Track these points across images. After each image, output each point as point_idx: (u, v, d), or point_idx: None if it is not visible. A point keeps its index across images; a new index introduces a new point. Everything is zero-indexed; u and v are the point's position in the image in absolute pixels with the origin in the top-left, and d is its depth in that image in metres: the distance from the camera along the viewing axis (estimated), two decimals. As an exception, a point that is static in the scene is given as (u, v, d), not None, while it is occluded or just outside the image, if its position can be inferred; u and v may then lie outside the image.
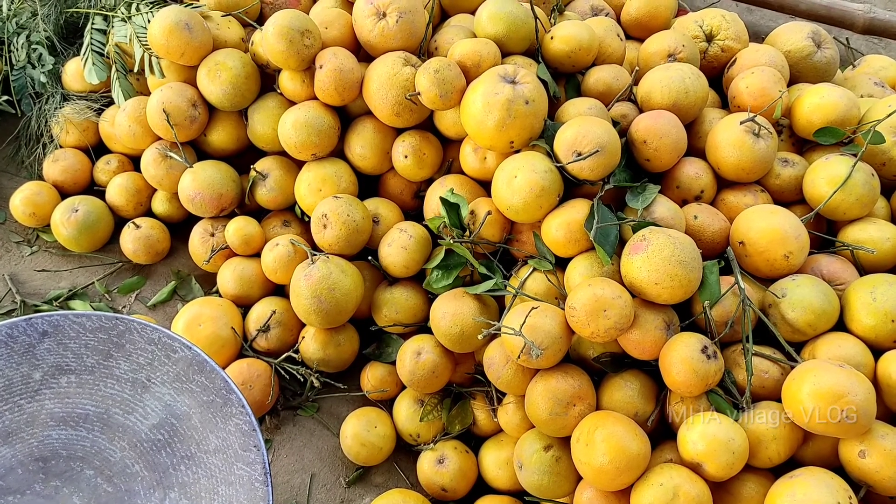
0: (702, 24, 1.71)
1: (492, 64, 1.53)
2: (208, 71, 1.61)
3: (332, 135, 1.60)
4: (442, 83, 1.46)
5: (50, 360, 1.18)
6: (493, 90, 1.41)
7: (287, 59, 1.54)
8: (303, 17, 1.54)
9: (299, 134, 1.56)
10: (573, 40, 1.57)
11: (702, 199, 1.50)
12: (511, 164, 1.42)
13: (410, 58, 1.57)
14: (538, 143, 1.46)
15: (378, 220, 1.60)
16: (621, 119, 1.55)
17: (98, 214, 1.70)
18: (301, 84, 1.60)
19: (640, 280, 1.27)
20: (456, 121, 1.57)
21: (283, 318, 1.56)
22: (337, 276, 1.46)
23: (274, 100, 1.67)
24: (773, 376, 1.27)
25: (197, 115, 1.64)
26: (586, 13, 1.88)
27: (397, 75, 1.52)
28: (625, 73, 1.61)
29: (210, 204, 1.63)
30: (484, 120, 1.41)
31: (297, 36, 1.52)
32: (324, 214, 1.51)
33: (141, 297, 1.69)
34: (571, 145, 1.38)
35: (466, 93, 1.47)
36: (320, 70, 1.55)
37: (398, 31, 1.56)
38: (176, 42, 1.58)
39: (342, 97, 1.57)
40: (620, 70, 1.60)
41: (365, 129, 1.62)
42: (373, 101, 1.56)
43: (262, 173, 1.66)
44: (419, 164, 1.60)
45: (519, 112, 1.40)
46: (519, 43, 1.59)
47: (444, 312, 1.42)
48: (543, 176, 1.38)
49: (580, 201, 1.41)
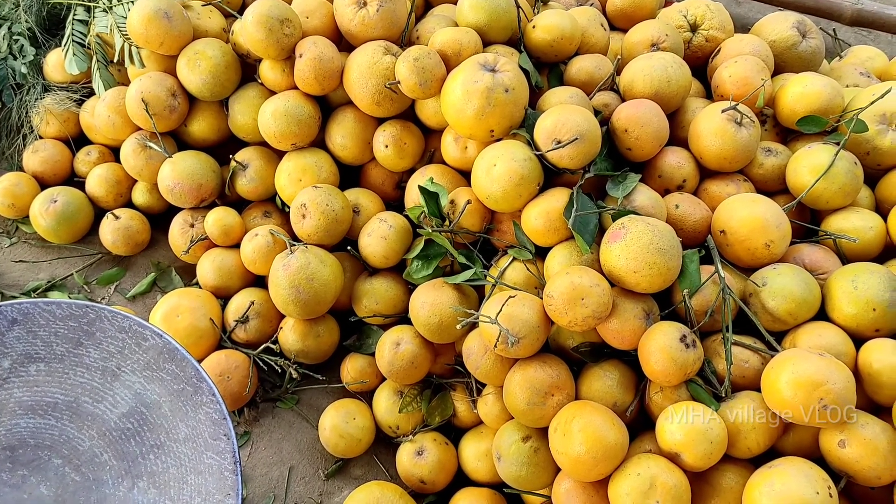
0: (686, 14, 1.70)
1: (472, 53, 1.51)
2: (188, 60, 1.60)
3: (312, 124, 1.58)
4: (422, 71, 1.44)
5: (19, 348, 1.16)
6: (473, 78, 1.39)
7: (267, 49, 1.53)
8: (283, 6, 1.53)
9: (279, 123, 1.55)
10: (555, 29, 1.56)
11: (684, 188, 1.48)
12: (490, 153, 1.40)
13: (391, 47, 1.55)
14: (518, 132, 1.44)
15: (358, 211, 1.58)
16: (603, 108, 1.53)
17: (77, 205, 1.69)
18: (281, 73, 1.59)
19: (619, 268, 1.25)
20: (437, 110, 1.56)
21: (262, 308, 1.54)
22: (316, 266, 1.44)
23: (254, 90, 1.65)
24: (753, 366, 1.26)
25: (177, 104, 1.62)
26: (571, 4, 1.87)
27: (377, 64, 1.51)
28: (607, 62, 1.59)
29: (189, 194, 1.61)
30: (463, 108, 1.40)
31: (276, 25, 1.51)
32: (303, 204, 1.50)
33: (120, 288, 1.67)
34: (551, 133, 1.36)
35: (446, 81, 1.46)
36: (300, 59, 1.54)
37: (379, 20, 1.54)
38: (155, 31, 1.57)
39: (322, 86, 1.55)
40: (603, 59, 1.59)
41: (345, 119, 1.61)
42: (353, 91, 1.55)
43: (243, 164, 1.64)
44: (400, 154, 1.58)
45: (498, 100, 1.39)
46: (501, 32, 1.58)
47: (423, 302, 1.40)
48: (523, 164, 1.36)
49: (560, 190, 1.39)
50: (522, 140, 1.45)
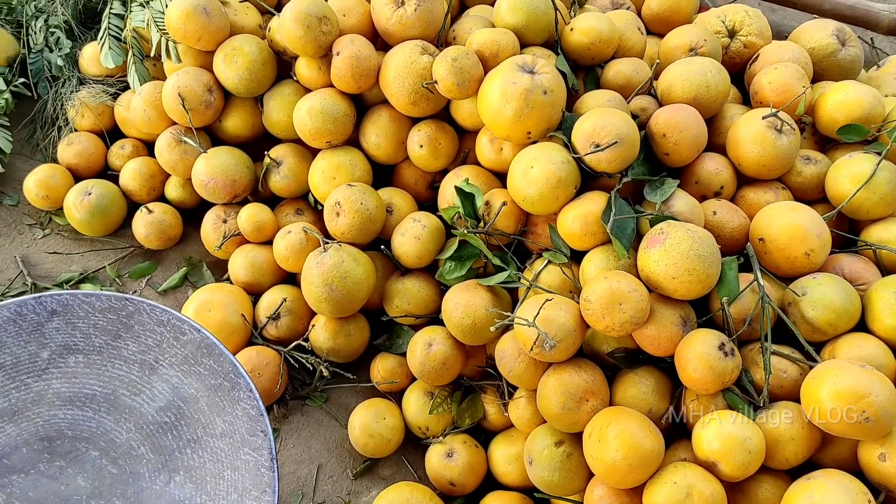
0: (724, 20, 1.69)
1: (510, 54, 1.51)
2: (225, 56, 1.60)
3: (347, 122, 1.58)
4: (459, 72, 1.44)
5: (58, 339, 1.17)
6: (511, 79, 1.39)
7: (304, 46, 1.53)
8: (321, 4, 1.53)
9: (314, 121, 1.55)
10: (593, 32, 1.55)
11: (721, 195, 1.47)
12: (527, 155, 1.40)
13: (428, 46, 1.55)
14: (556, 135, 1.44)
15: (392, 210, 1.58)
16: (640, 112, 1.53)
17: (111, 198, 1.69)
18: (317, 71, 1.59)
19: (657, 274, 1.24)
20: (473, 111, 1.55)
21: (294, 306, 1.54)
22: (349, 264, 1.44)
23: (290, 87, 1.65)
24: (791, 376, 1.25)
25: (212, 100, 1.62)
26: (607, 7, 1.86)
27: (414, 63, 1.51)
28: (645, 66, 1.58)
29: (223, 190, 1.61)
30: (501, 110, 1.39)
31: (314, 22, 1.51)
32: (337, 202, 1.50)
33: (152, 282, 1.68)
34: (589, 136, 1.36)
35: (484, 82, 1.45)
36: (337, 57, 1.53)
37: (416, 20, 1.54)
38: (193, 26, 1.57)
39: (358, 85, 1.55)
40: (640, 63, 1.58)
41: (380, 118, 1.61)
42: (389, 90, 1.54)
43: (276, 160, 1.64)
44: (434, 154, 1.58)
45: (537, 102, 1.38)
46: (538, 34, 1.57)
47: (456, 303, 1.40)
48: (560, 167, 1.36)
49: (597, 194, 1.38)
50: (559, 142, 1.44)
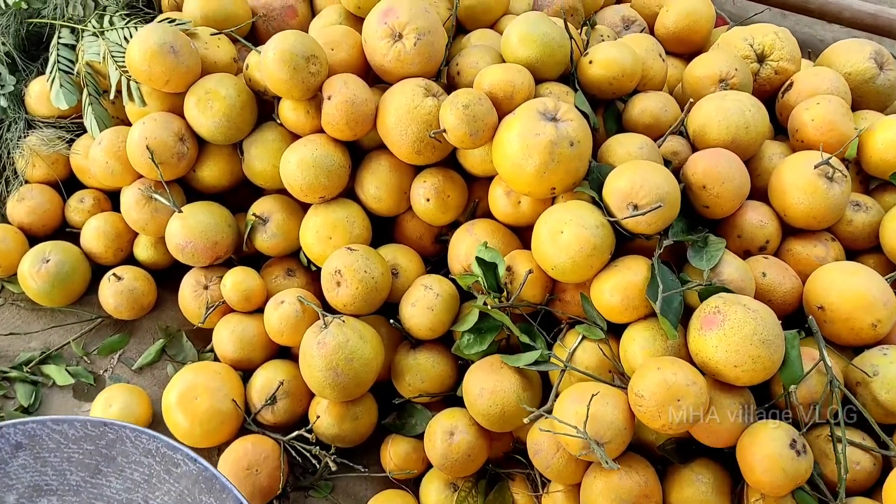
0: (752, 43, 1.53)
1: (526, 95, 1.33)
2: (198, 100, 1.40)
3: (342, 175, 1.39)
4: (472, 120, 1.26)
5: (26, 478, 0.98)
6: (533, 130, 1.22)
7: (290, 90, 1.33)
8: (308, 41, 1.33)
9: (306, 175, 1.36)
10: (615, 65, 1.38)
11: (766, 249, 1.33)
12: (555, 217, 1.24)
13: (431, 86, 1.37)
14: (583, 190, 1.27)
15: (397, 273, 1.40)
16: (672, 157, 1.37)
17: (72, 264, 1.48)
18: (305, 115, 1.40)
19: (716, 361, 1.10)
20: (484, 158, 1.38)
21: (292, 386, 1.37)
22: (355, 343, 1.27)
23: (273, 132, 1.46)
24: (865, 468, 1.12)
25: (185, 150, 1.42)
26: (617, 25, 1.69)
27: (418, 108, 1.33)
28: (673, 102, 1.42)
29: (203, 254, 1.42)
30: (522, 164, 1.22)
31: (301, 63, 1.31)
32: (337, 271, 1.32)
33: (125, 357, 1.48)
34: (626, 196, 1.20)
35: (500, 130, 1.28)
36: (329, 101, 1.34)
37: (417, 55, 1.36)
38: (160, 68, 1.36)
39: (354, 132, 1.36)
40: (668, 99, 1.42)
41: (380, 168, 1.42)
42: (390, 137, 1.36)
43: (262, 217, 1.45)
44: (442, 208, 1.40)
45: (563, 156, 1.21)
46: (554, 68, 1.40)
47: (481, 389, 1.24)
48: (594, 232, 1.20)
49: (636, 260, 1.23)
50: (586, 197, 1.28)
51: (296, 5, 1.61)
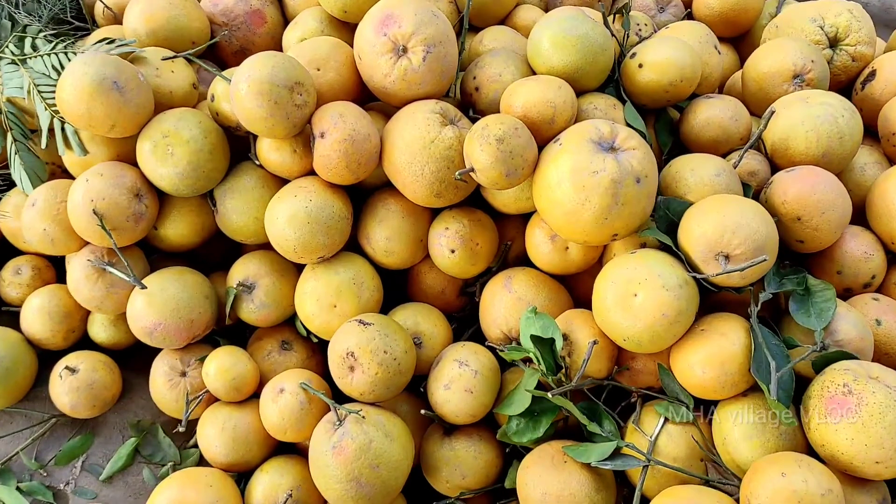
0: (822, 24, 1.27)
1: (570, 117, 1.07)
2: (154, 147, 1.10)
3: (344, 228, 1.12)
4: (509, 158, 0.99)
5: None
6: (589, 166, 0.95)
7: (272, 128, 1.05)
8: (290, 65, 1.05)
9: (300, 234, 1.08)
10: (671, 68, 1.12)
11: (871, 285, 1.09)
12: (623, 275, 0.98)
13: (447, 109, 1.09)
14: (652, 234, 1.02)
15: (420, 342, 1.14)
16: (749, 179, 1.12)
17: (14, 357, 1.19)
18: (292, 155, 1.12)
19: (851, 456, 0.87)
20: (518, 195, 1.12)
21: (302, 494, 1.10)
22: (380, 444, 1.01)
23: (252, 176, 1.17)
24: None
25: (143, 209, 1.13)
26: (650, 8, 1.42)
27: (435, 143, 1.05)
28: (744, 109, 1.16)
29: (177, 336, 1.14)
30: (577, 211, 0.97)
31: (283, 94, 1.03)
32: (349, 353, 1.05)
33: (89, 464, 1.21)
34: (714, 245, 0.95)
35: (543, 166, 1.02)
36: (322, 141, 1.06)
37: (427, 73, 1.08)
38: (102, 110, 1.07)
39: (356, 175, 1.09)
40: (738, 106, 1.16)
41: (389, 214, 1.15)
42: (401, 178, 1.09)
43: (246, 284, 1.17)
44: (471, 260, 1.14)
45: (629, 196, 0.96)
46: (596, 77, 1.14)
47: (543, 494, 0.99)
48: (678, 294, 0.94)
49: (728, 322, 0.98)
50: (654, 242, 1.03)
51: (263, 9, 1.31)
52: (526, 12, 1.33)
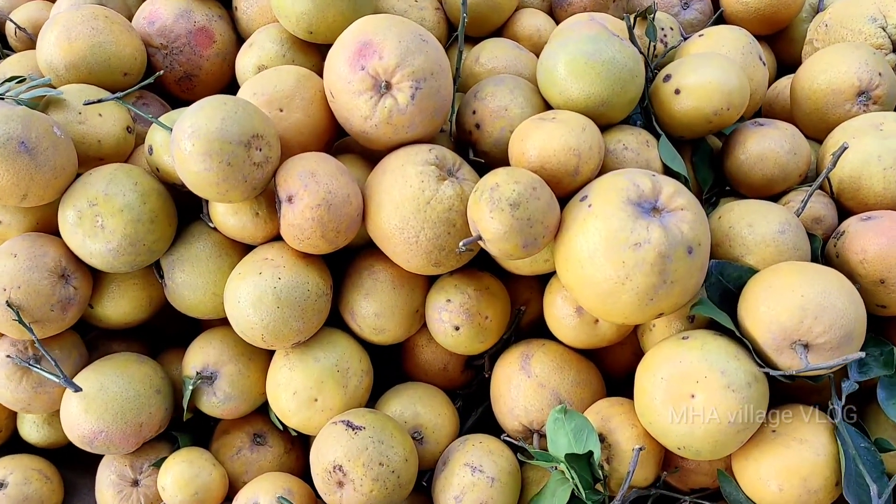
0: (884, 24, 1.06)
1: (596, 165, 0.86)
2: (80, 218, 0.88)
3: (322, 307, 0.91)
4: (527, 227, 0.79)
5: None
6: (630, 237, 0.76)
7: (227, 193, 0.84)
8: (244, 115, 0.82)
9: (269, 319, 0.87)
10: (716, 94, 0.92)
11: (962, 354, 0.90)
12: (675, 369, 0.79)
13: (445, 157, 0.88)
14: (706, 312, 0.82)
15: (422, 437, 0.94)
16: (814, 226, 0.92)
17: (-74, 472, 0.98)
18: (254, 219, 0.90)
19: None
20: (534, 258, 0.91)
21: None
22: (382, 580, 0.82)
23: (206, 241, 0.96)
24: None
25: (71, 293, 0.92)
26: (672, 5, 1.20)
27: (432, 203, 0.84)
28: (802, 140, 0.96)
29: (123, 443, 0.94)
30: (615, 291, 0.77)
31: (239, 153, 0.81)
32: (337, 467, 0.85)
33: None
34: (789, 332, 0.76)
35: (567, 232, 0.81)
36: (290, 206, 0.85)
37: (417, 114, 0.87)
38: (9, 178, 0.84)
39: (334, 244, 0.88)
40: (796, 136, 0.96)
41: (377, 286, 0.94)
42: (390, 245, 0.88)
43: (206, 374, 0.96)
44: (479, 336, 0.94)
45: (680, 272, 0.76)
46: (623, 108, 0.93)
47: None
48: (746, 395, 0.76)
49: (807, 423, 0.79)
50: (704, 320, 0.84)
51: (209, 26, 1.08)
52: (528, 18, 1.10)
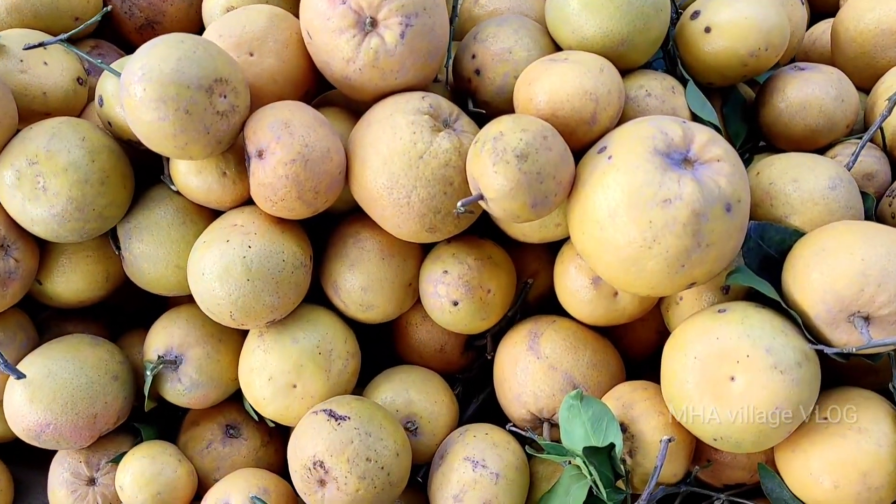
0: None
1: (616, 111, 0.74)
2: (19, 178, 0.76)
3: (300, 280, 0.79)
4: (536, 182, 0.67)
5: None
6: (658, 193, 0.64)
7: (186, 147, 0.71)
8: (205, 56, 0.70)
9: (238, 294, 0.75)
10: (753, 32, 0.80)
11: None
12: (712, 347, 0.68)
13: (440, 105, 0.76)
14: (744, 281, 0.70)
15: (416, 427, 0.83)
16: (865, 183, 0.80)
17: None
18: (220, 179, 0.78)
19: None
20: (543, 223, 0.79)
21: None
22: None
23: (168, 206, 0.84)
24: None
25: (12, 266, 0.80)
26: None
27: (425, 157, 0.73)
28: (850, 85, 0.84)
29: (75, 437, 0.82)
30: (640, 257, 0.65)
31: (199, 99, 0.69)
32: (318, 463, 0.73)
33: None
34: (847, 302, 0.65)
35: (582, 188, 0.70)
36: (261, 162, 0.73)
37: (408, 55, 0.74)
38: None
39: (313, 206, 0.76)
40: (842, 81, 0.84)
41: (364, 256, 0.82)
42: (378, 208, 0.76)
43: (170, 358, 0.84)
44: (481, 312, 0.82)
45: (717, 233, 0.64)
46: (646, 50, 0.81)
47: None
48: (796, 376, 0.64)
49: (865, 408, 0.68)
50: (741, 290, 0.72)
51: (174, -34, 0.96)
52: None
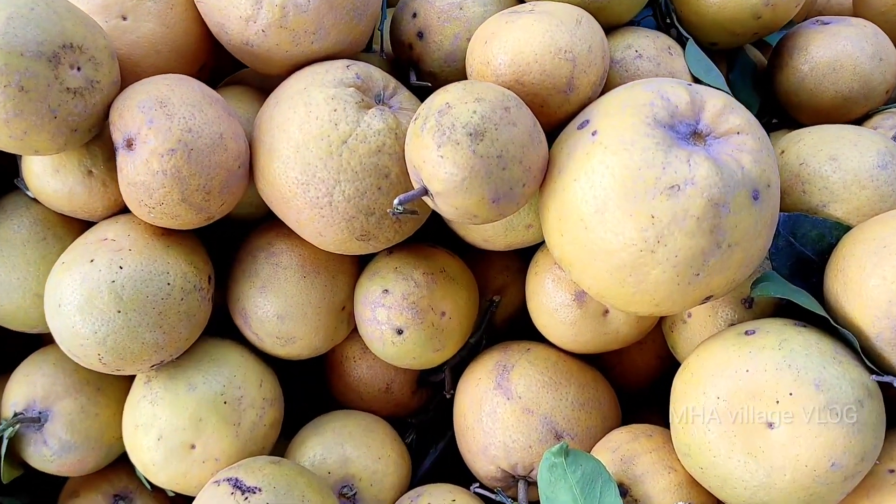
0: None
1: (598, 79, 0.57)
2: None
3: (194, 309, 0.61)
4: (498, 167, 0.50)
5: None
6: (660, 177, 0.49)
7: (27, 135, 0.53)
8: (46, 13, 0.53)
9: (106, 328, 0.57)
10: (764, -25, 0.63)
11: None
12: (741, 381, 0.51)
13: (370, 76, 0.59)
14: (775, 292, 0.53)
15: (355, 492, 0.64)
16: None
17: None
18: (85, 180, 0.60)
19: None
20: (510, 223, 0.62)
21: None
22: None
23: (24, 218, 0.65)
24: None
25: None
26: None
27: (349, 142, 0.55)
28: (887, 39, 0.67)
29: None
30: (639, 264, 0.51)
31: (38, 70, 0.51)
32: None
33: None
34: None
35: (560, 175, 0.52)
36: (129, 154, 0.54)
37: (327, 11, 0.58)
38: None
39: (205, 212, 0.57)
40: (878, 36, 0.68)
41: (278, 273, 0.64)
42: (292, 209, 0.58)
43: (32, 415, 0.65)
44: (433, 341, 0.64)
45: (741, 228, 0.48)
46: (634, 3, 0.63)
47: None
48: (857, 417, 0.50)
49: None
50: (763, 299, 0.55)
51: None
52: None
